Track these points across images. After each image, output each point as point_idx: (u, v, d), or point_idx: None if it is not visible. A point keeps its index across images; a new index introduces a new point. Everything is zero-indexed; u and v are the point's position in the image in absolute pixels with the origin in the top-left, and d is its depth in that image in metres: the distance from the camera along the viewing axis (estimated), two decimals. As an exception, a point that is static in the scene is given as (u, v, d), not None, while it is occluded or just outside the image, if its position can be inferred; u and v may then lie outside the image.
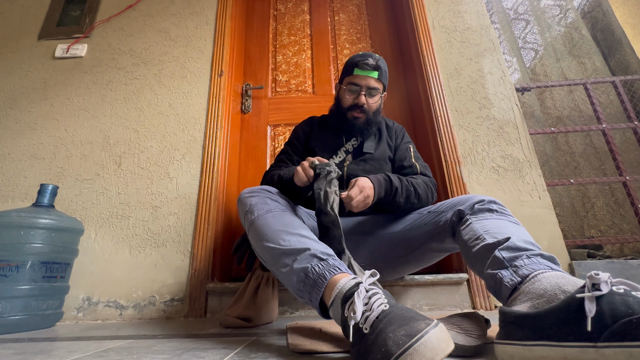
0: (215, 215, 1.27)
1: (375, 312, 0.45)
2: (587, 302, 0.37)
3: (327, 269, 0.57)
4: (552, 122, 1.89)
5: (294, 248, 0.62)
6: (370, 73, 0.98)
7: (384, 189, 0.84)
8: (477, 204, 0.72)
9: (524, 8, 2.22)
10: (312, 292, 0.57)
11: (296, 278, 0.59)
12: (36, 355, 0.59)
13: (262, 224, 0.70)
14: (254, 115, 1.68)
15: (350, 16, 1.91)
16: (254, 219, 0.72)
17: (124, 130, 1.43)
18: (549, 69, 2.00)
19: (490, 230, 0.64)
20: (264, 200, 0.76)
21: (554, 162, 1.76)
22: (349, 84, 1.01)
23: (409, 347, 0.37)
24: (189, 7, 1.68)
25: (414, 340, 0.38)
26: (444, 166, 1.29)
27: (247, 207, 0.76)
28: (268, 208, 0.74)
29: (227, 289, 1.13)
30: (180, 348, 0.63)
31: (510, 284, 0.53)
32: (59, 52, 1.60)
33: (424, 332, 0.39)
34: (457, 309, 1.09)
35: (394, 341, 0.39)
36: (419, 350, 0.37)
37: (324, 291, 0.55)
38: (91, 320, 1.14)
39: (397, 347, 0.38)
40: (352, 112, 1.01)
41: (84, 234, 1.23)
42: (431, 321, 0.41)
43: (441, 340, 0.39)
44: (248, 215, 0.74)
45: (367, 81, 0.99)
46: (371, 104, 1.01)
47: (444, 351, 0.38)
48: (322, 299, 0.56)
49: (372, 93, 1.00)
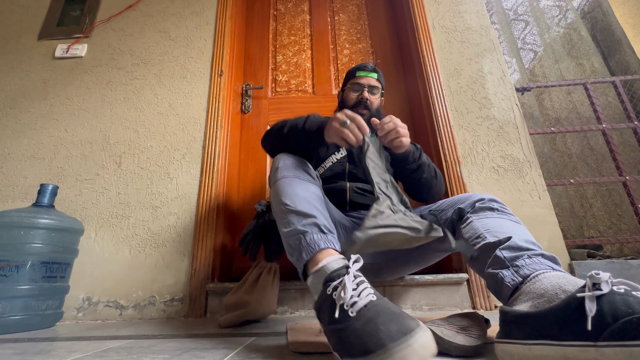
0: (215, 215, 1.27)
1: (363, 300, 0.47)
2: (587, 302, 0.37)
3: (323, 239, 0.61)
4: (551, 123, 1.90)
5: (304, 212, 0.66)
6: (370, 74, 1.09)
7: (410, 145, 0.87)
8: (477, 202, 0.72)
9: (524, 9, 2.22)
10: (302, 254, 0.61)
11: (294, 237, 0.64)
12: (36, 355, 0.59)
13: (287, 183, 0.73)
14: (254, 115, 1.68)
15: (350, 16, 1.91)
16: (282, 177, 0.74)
17: (124, 130, 1.43)
18: (548, 70, 2.00)
19: (491, 229, 0.64)
20: (299, 168, 0.77)
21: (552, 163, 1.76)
22: (352, 84, 1.09)
23: (404, 342, 0.39)
24: (189, 7, 1.68)
25: (408, 337, 0.40)
26: (444, 166, 1.29)
27: (278, 163, 0.77)
28: (298, 175, 0.75)
29: (227, 289, 1.13)
30: (180, 348, 0.63)
31: (511, 284, 0.53)
32: (59, 52, 1.60)
33: (416, 332, 0.40)
34: (457, 309, 1.09)
35: (387, 334, 0.40)
36: (414, 347, 0.39)
37: (312, 257, 0.59)
38: (91, 320, 1.14)
39: (391, 340, 0.40)
40: (357, 109, 1.05)
41: (84, 234, 1.23)
42: (418, 321, 0.43)
43: (431, 341, 0.41)
44: (278, 172, 0.76)
45: (368, 80, 1.08)
46: (373, 101, 1.07)
47: (433, 352, 0.41)
48: (307, 264, 0.60)
49: (374, 91, 1.08)
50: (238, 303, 0.90)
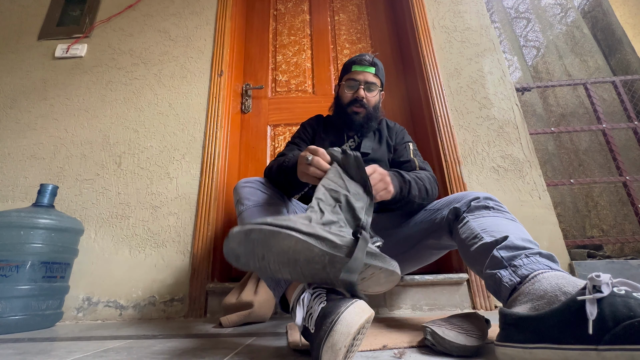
0: (215, 215, 1.27)
1: (317, 311, 0.49)
2: (588, 305, 0.37)
3: None
4: (556, 119, 1.86)
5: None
6: (367, 68, 1.01)
7: (397, 183, 0.78)
8: (473, 201, 0.72)
9: (525, 7, 2.21)
10: (276, 289, 0.63)
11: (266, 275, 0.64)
12: (36, 355, 0.59)
13: (249, 215, 0.73)
14: (254, 115, 1.68)
15: (350, 16, 1.91)
16: (243, 210, 0.75)
17: (124, 130, 1.43)
18: (552, 67, 1.98)
19: (488, 228, 0.64)
20: (255, 191, 0.77)
21: (557, 160, 1.74)
22: (347, 80, 1.03)
23: (329, 329, 0.43)
24: (189, 7, 1.68)
25: (332, 322, 0.44)
26: (444, 166, 1.29)
27: (238, 196, 0.78)
28: (257, 200, 0.75)
29: (227, 289, 1.13)
30: (180, 348, 0.63)
31: (509, 284, 0.53)
32: (59, 52, 1.60)
33: (340, 312, 0.44)
34: (457, 309, 1.09)
35: (323, 330, 0.44)
36: (335, 329, 0.43)
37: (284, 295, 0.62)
38: (91, 320, 1.14)
39: (324, 333, 0.44)
40: (352, 107, 1.01)
41: (84, 234, 1.23)
42: (353, 300, 0.46)
43: (355, 314, 0.45)
44: (238, 205, 0.77)
45: (365, 76, 1.01)
46: (370, 99, 1.02)
47: (357, 322, 0.44)
48: (285, 296, 0.62)
49: (371, 87, 1.02)
50: (241, 304, 0.90)
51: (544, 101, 1.93)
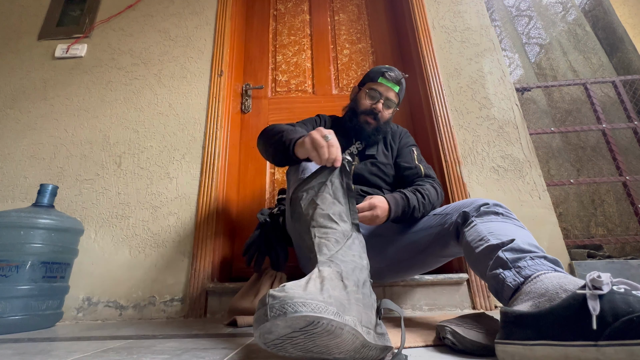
0: (215, 215, 1.27)
1: None
2: (590, 300, 0.37)
3: None
4: (561, 115, 1.82)
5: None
6: (393, 86, 1.03)
7: (400, 208, 0.85)
8: (482, 206, 0.72)
9: (526, 5, 2.21)
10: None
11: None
12: (36, 355, 0.59)
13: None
14: (254, 115, 1.68)
15: (350, 16, 1.91)
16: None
17: (124, 130, 1.43)
18: (555, 63, 1.96)
19: (495, 232, 0.64)
20: None
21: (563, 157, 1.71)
22: (370, 89, 1.05)
23: None
24: (189, 7, 1.68)
25: None
26: (444, 166, 1.29)
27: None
28: None
29: (227, 289, 1.13)
30: (180, 348, 0.63)
31: (512, 284, 0.53)
32: (59, 52, 1.60)
33: None
34: (457, 309, 1.09)
35: None
36: None
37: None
38: (91, 320, 1.14)
39: None
40: (366, 116, 1.04)
41: (83, 234, 1.23)
42: None
43: None
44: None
45: (388, 92, 1.04)
46: (385, 115, 1.05)
47: None
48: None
49: (389, 105, 1.05)
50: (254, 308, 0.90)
51: (549, 97, 1.90)
